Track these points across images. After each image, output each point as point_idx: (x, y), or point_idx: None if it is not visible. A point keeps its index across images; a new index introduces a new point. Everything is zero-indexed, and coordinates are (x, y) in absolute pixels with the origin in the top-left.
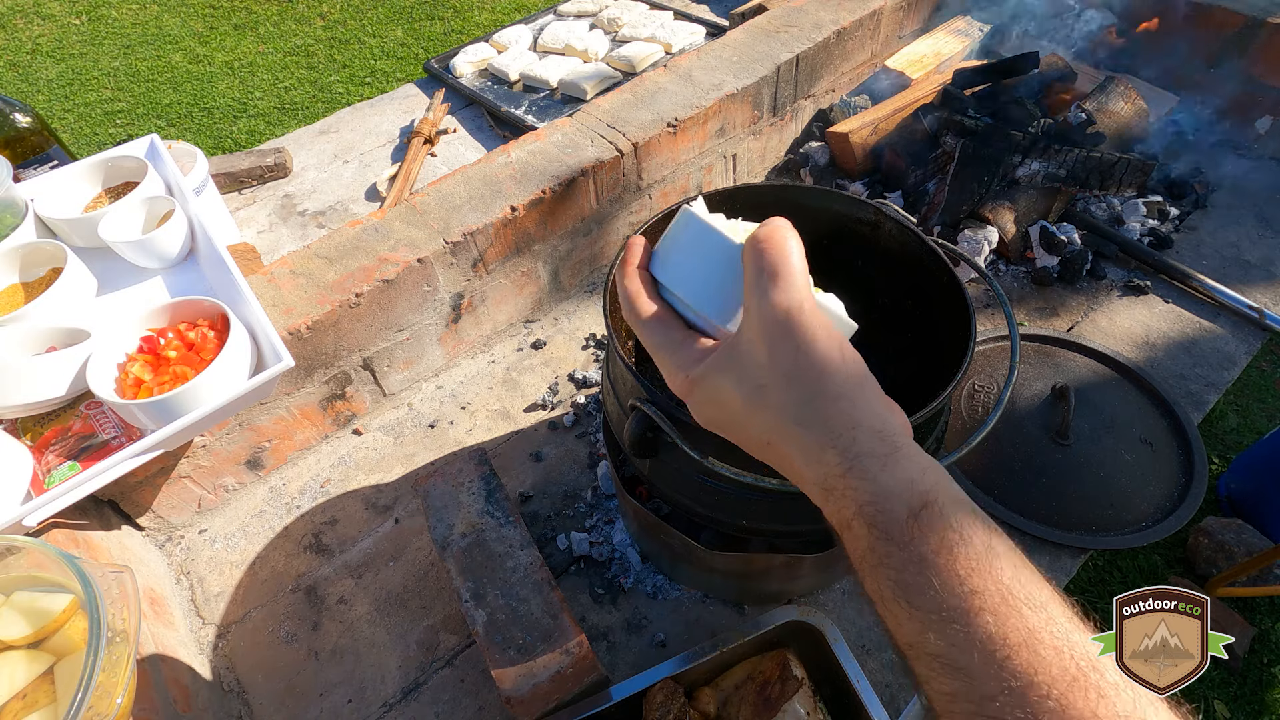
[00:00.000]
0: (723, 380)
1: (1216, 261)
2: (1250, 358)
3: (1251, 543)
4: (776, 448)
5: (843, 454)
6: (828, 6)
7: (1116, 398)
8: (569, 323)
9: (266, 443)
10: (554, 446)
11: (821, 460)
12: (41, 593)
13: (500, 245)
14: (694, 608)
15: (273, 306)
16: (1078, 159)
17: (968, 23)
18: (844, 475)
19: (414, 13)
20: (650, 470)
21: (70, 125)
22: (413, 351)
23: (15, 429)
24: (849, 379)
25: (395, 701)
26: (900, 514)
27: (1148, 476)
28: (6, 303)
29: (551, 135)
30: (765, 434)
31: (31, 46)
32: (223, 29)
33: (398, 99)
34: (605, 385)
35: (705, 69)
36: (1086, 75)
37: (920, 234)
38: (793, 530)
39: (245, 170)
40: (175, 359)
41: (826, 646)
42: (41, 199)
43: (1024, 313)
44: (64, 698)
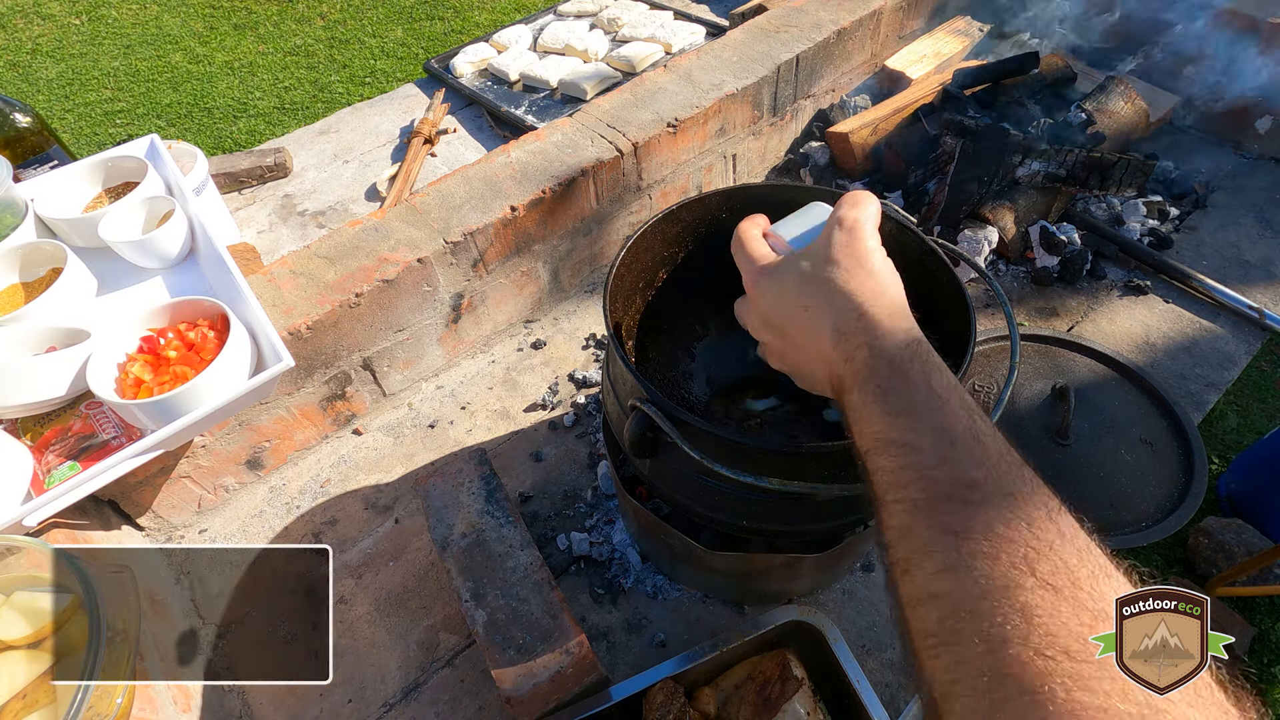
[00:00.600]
0: (789, 264)
1: (1216, 261)
2: (1250, 358)
3: (1251, 543)
4: (813, 309)
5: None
6: (828, 6)
7: (1116, 398)
8: (569, 323)
9: (266, 443)
10: (554, 446)
11: (845, 312)
12: (41, 593)
13: (500, 245)
14: (694, 608)
15: (273, 306)
16: (1078, 159)
17: (968, 23)
18: (859, 319)
19: (414, 13)
20: (650, 470)
21: (70, 125)
22: (413, 351)
23: (15, 429)
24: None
25: (395, 701)
26: (899, 340)
27: (1148, 476)
28: (6, 303)
29: (551, 135)
30: (807, 299)
31: (31, 46)
32: (223, 29)
33: (398, 99)
34: (605, 385)
35: (705, 69)
36: (1087, 75)
37: (920, 234)
38: (793, 530)
39: (245, 170)
40: (175, 359)
41: (826, 646)
42: (41, 199)
43: (1024, 313)
44: (64, 698)
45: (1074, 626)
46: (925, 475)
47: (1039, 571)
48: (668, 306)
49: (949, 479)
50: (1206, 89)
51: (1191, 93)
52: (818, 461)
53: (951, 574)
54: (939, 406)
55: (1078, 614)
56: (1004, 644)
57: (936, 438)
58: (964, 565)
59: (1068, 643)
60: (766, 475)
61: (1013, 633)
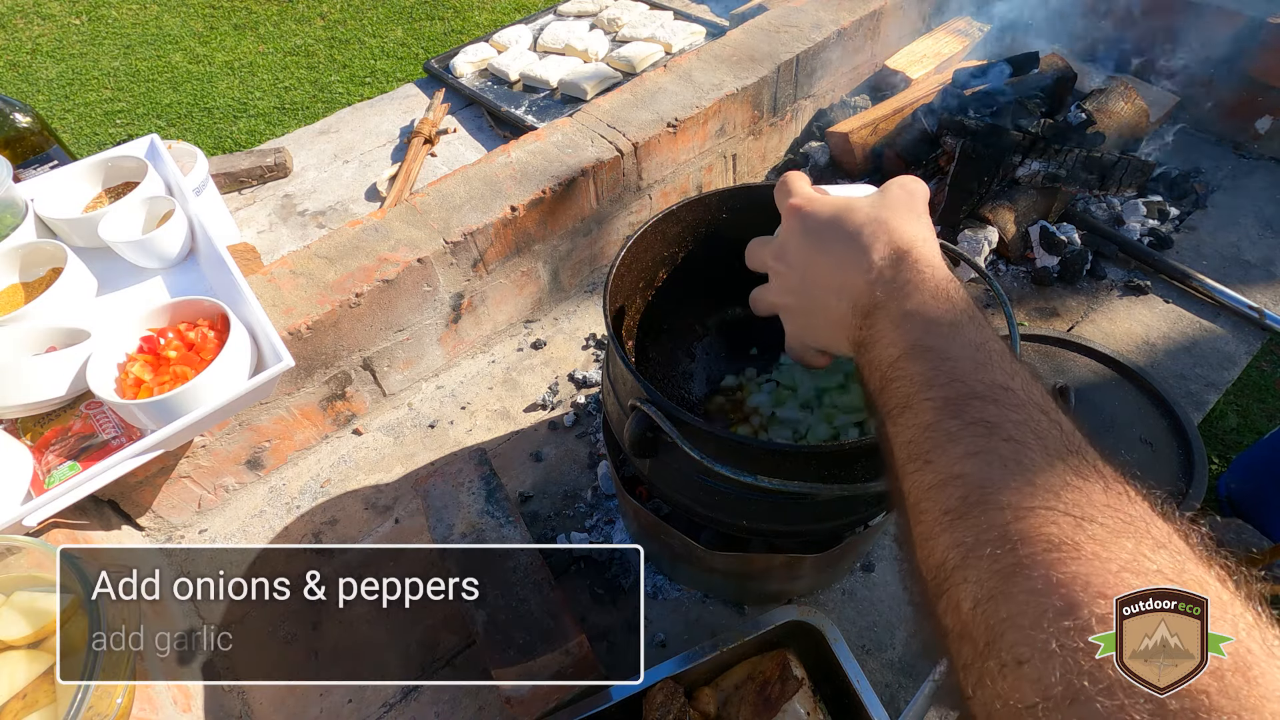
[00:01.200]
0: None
1: (1216, 261)
2: (1250, 358)
3: (1251, 543)
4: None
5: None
6: (828, 6)
7: (1116, 398)
8: (569, 323)
9: (266, 443)
10: (554, 446)
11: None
12: (41, 593)
13: (500, 245)
14: (694, 608)
15: (273, 306)
16: (1078, 159)
17: (968, 23)
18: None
19: (414, 13)
20: (650, 470)
21: (70, 125)
22: (413, 351)
23: (15, 429)
24: (928, 223)
25: (395, 701)
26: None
27: (1148, 476)
28: (6, 303)
29: (551, 135)
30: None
31: (31, 46)
32: (223, 29)
33: (398, 99)
34: (605, 385)
35: (705, 69)
36: (1086, 75)
37: None
38: (793, 530)
39: (245, 170)
40: (175, 359)
41: (826, 646)
42: (41, 199)
43: (1024, 313)
44: (64, 698)
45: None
46: (959, 378)
47: (1070, 462)
48: (668, 306)
49: (984, 383)
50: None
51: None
52: (818, 461)
53: (980, 457)
54: (978, 325)
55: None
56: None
57: (974, 350)
58: (994, 450)
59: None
60: (766, 475)
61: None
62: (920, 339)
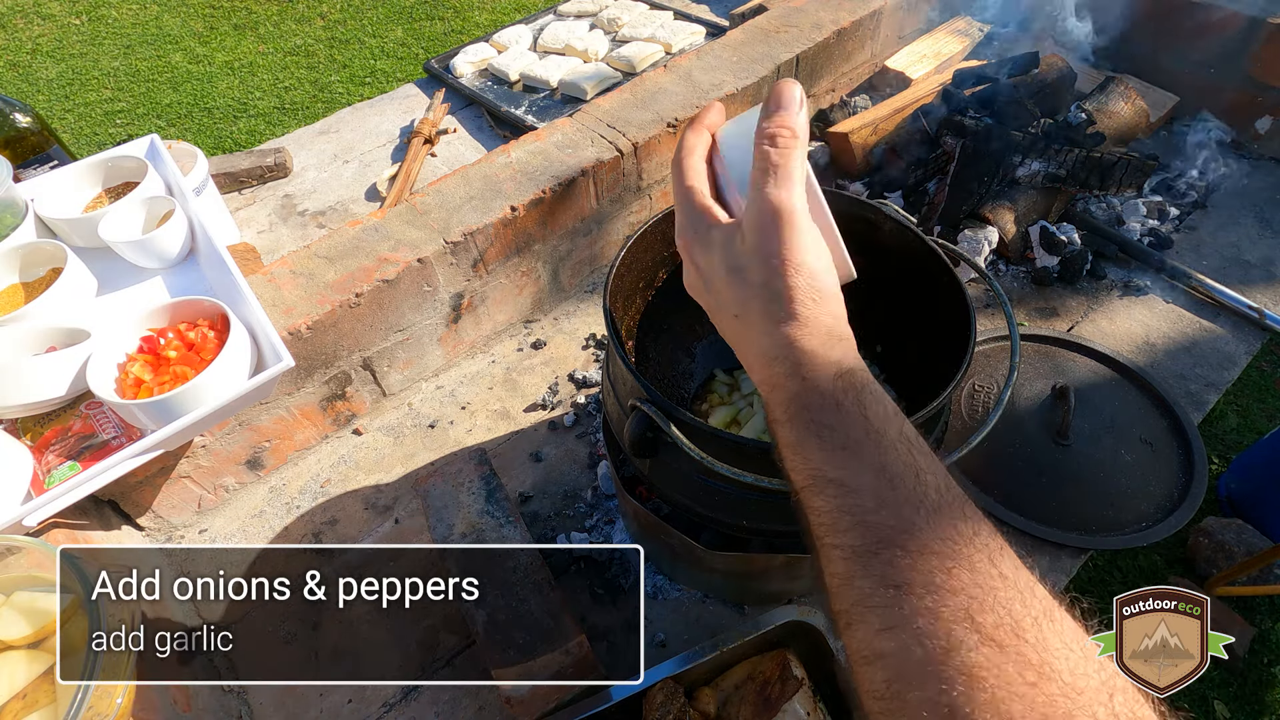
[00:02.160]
0: (713, 253)
1: (1216, 261)
2: (1250, 358)
3: (1251, 543)
4: (745, 319)
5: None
6: (828, 6)
7: (1116, 398)
8: (569, 323)
9: (266, 443)
10: (554, 446)
11: (772, 334)
12: (41, 593)
13: (500, 245)
14: (694, 608)
15: (273, 306)
16: (1078, 159)
17: (968, 23)
18: (791, 345)
19: (414, 13)
20: (650, 470)
21: (70, 125)
22: (413, 351)
23: (15, 429)
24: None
25: (395, 701)
26: (830, 373)
27: (1148, 476)
28: (6, 303)
29: (551, 135)
30: (736, 308)
31: (31, 46)
32: (223, 29)
33: (398, 99)
34: (605, 385)
35: (705, 69)
36: (1087, 76)
37: (920, 234)
38: (793, 530)
39: (245, 170)
40: (175, 359)
41: (826, 646)
42: (41, 199)
43: (1024, 313)
44: (64, 698)
45: (1019, 687)
46: (863, 520)
47: (982, 625)
48: (668, 306)
49: (888, 524)
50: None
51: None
52: None
53: (894, 633)
54: (876, 441)
55: (1022, 671)
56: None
57: (875, 476)
58: (906, 624)
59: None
60: (766, 475)
61: (958, 699)
62: (819, 469)
